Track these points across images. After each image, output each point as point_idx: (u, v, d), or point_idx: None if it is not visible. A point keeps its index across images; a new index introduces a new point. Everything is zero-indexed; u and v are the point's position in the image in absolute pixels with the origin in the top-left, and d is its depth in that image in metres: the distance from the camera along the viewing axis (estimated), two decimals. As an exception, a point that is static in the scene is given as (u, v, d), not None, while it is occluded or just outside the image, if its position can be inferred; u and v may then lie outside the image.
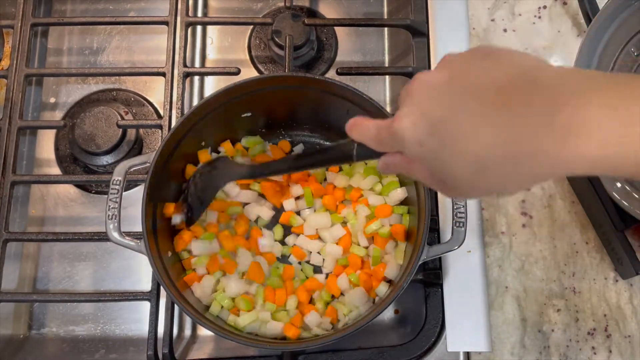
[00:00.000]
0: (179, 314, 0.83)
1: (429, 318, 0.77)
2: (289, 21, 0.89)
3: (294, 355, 0.76)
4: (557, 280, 0.81)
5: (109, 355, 0.83)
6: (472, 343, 0.76)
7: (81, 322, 0.85)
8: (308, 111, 0.83)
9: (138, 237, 0.70)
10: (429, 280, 0.78)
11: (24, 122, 0.86)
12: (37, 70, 0.92)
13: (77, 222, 0.89)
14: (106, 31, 0.98)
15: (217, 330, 0.68)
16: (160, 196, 0.75)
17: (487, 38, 0.91)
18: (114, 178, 0.71)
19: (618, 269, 0.80)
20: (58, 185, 0.90)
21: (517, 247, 0.82)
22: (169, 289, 0.68)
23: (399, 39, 0.95)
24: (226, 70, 0.88)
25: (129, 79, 0.95)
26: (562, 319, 0.80)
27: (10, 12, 0.94)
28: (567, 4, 0.92)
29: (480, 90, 0.42)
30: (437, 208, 0.81)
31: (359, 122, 0.52)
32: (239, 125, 0.83)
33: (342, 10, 0.99)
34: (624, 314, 0.80)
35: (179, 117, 0.84)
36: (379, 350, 0.76)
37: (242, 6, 0.99)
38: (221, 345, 0.83)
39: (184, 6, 0.89)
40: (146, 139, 0.92)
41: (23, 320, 0.85)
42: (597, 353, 0.79)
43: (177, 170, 0.79)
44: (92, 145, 0.86)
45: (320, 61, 0.95)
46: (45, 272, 0.87)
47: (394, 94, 0.95)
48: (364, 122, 0.52)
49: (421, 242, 0.69)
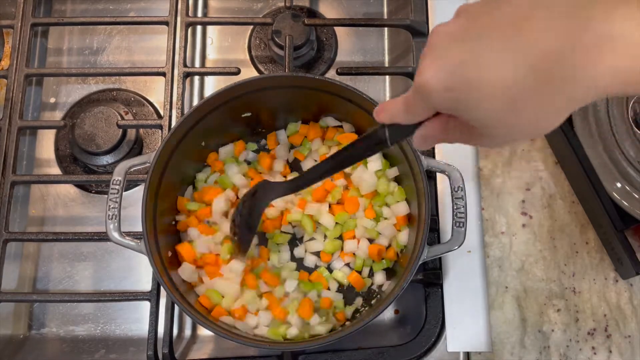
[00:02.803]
0: (179, 314, 0.83)
1: (429, 318, 0.77)
2: (289, 21, 0.89)
3: (294, 355, 0.76)
4: (557, 280, 0.81)
5: (109, 355, 0.83)
6: (472, 343, 0.76)
7: (81, 322, 0.85)
8: (308, 111, 0.83)
9: (138, 237, 0.70)
10: (429, 280, 0.78)
11: (24, 122, 0.86)
12: (37, 70, 0.92)
13: (77, 222, 0.89)
14: (106, 31, 0.98)
15: (217, 330, 0.68)
16: (161, 196, 0.75)
17: (487, 38, 0.91)
18: (114, 178, 0.71)
19: (618, 269, 0.80)
20: (58, 185, 0.90)
21: (517, 247, 0.82)
22: (169, 289, 0.68)
23: (399, 39, 0.95)
24: (226, 70, 0.88)
25: (129, 79, 0.95)
26: (562, 319, 0.80)
27: (10, 12, 0.94)
28: (567, 4, 0.92)
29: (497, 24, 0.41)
30: (437, 208, 0.81)
31: (385, 103, 0.52)
32: (239, 125, 0.83)
33: (342, 10, 0.99)
34: (624, 314, 0.80)
35: (179, 117, 0.84)
36: (379, 350, 0.76)
37: (242, 6, 0.99)
38: (221, 345, 0.83)
39: (184, 6, 0.89)
40: (146, 139, 0.92)
41: (23, 320, 0.85)
42: (597, 353, 0.79)
43: (177, 170, 0.79)
44: (92, 145, 0.86)
45: (320, 61, 0.95)
46: (45, 272, 0.87)
47: (394, 94, 0.95)
48: (389, 101, 0.52)
49: (421, 242, 0.69)
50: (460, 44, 0.43)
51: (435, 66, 0.44)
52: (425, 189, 0.70)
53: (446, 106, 0.45)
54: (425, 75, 0.44)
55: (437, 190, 0.81)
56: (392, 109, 0.51)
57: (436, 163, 0.72)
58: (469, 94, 0.42)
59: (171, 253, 0.77)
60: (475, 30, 0.43)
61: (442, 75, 0.43)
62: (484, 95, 0.41)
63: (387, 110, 0.52)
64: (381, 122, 0.53)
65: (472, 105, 0.43)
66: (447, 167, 0.72)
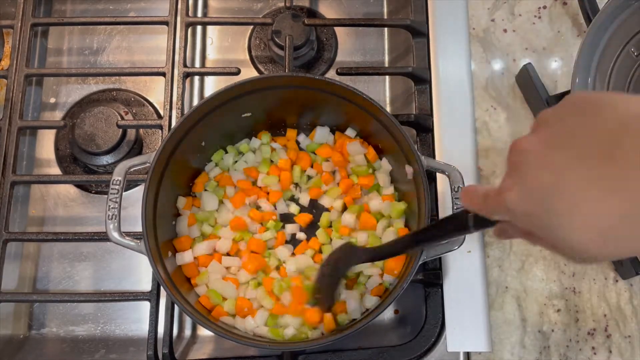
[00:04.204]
0: (179, 314, 0.83)
1: (429, 318, 0.77)
2: (289, 21, 0.89)
3: (294, 355, 0.76)
4: (557, 280, 0.81)
5: (109, 355, 0.83)
6: (472, 343, 0.76)
7: (81, 322, 0.85)
8: (308, 111, 0.83)
9: (138, 237, 0.70)
10: (429, 280, 0.78)
11: (24, 122, 0.86)
12: (37, 70, 0.92)
13: (77, 222, 0.89)
14: (106, 31, 0.98)
15: (217, 330, 0.68)
16: (161, 196, 0.75)
17: (487, 38, 0.91)
18: (114, 178, 0.71)
19: (618, 269, 0.80)
20: (58, 185, 0.90)
21: (517, 247, 0.82)
22: (169, 288, 0.68)
23: (399, 39, 0.95)
24: (226, 70, 0.88)
25: (129, 79, 0.95)
26: (562, 319, 0.80)
27: (10, 12, 0.94)
28: (567, 4, 0.92)
29: (584, 152, 0.39)
30: (437, 208, 0.81)
31: (469, 188, 0.51)
32: (239, 125, 0.83)
33: (342, 10, 0.99)
34: (624, 314, 0.80)
35: (179, 117, 0.84)
36: (379, 350, 0.76)
37: (242, 6, 0.99)
38: (221, 345, 0.83)
39: (184, 6, 0.89)
40: (146, 139, 0.92)
41: (23, 320, 0.85)
42: (597, 353, 0.79)
43: (177, 170, 0.79)
44: (92, 145, 0.86)
45: (320, 61, 0.95)
46: (45, 272, 0.87)
47: (394, 94, 0.95)
48: (473, 189, 0.51)
49: (421, 242, 0.69)
50: (544, 167, 0.40)
51: (517, 189, 0.42)
52: (425, 189, 0.70)
53: (527, 228, 0.44)
54: (507, 196, 0.43)
55: (437, 190, 0.81)
56: (472, 197, 0.50)
57: (436, 163, 0.72)
58: (556, 226, 0.40)
59: (171, 253, 0.77)
60: (560, 152, 0.40)
61: (525, 201, 0.42)
62: (573, 228, 0.39)
63: (468, 196, 0.51)
64: (464, 206, 0.52)
65: (558, 235, 0.41)
66: (447, 167, 0.72)
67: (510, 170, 0.44)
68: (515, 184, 0.43)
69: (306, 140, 0.86)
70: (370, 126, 0.79)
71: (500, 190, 0.44)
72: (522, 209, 0.42)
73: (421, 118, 0.84)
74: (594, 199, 0.38)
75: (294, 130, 0.86)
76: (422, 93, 0.87)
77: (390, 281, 0.76)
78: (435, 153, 0.83)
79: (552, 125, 0.42)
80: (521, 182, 0.42)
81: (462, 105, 0.85)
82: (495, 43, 0.91)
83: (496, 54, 0.90)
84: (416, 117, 0.83)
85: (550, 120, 0.43)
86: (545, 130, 0.42)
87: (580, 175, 0.39)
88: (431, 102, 0.86)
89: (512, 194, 0.43)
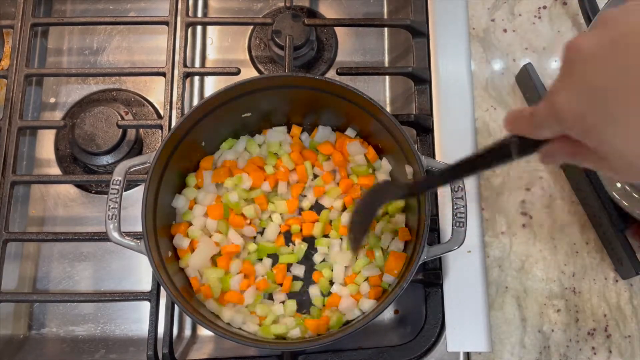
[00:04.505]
0: (179, 314, 0.83)
1: (429, 318, 0.77)
2: (289, 21, 0.89)
3: (294, 355, 0.76)
4: (557, 280, 0.81)
5: (109, 355, 0.83)
6: (472, 343, 0.76)
7: (81, 322, 0.85)
8: (308, 111, 0.83)
9: (138, 237, 0.70)
10: (429, 280, 0.78)
11: (24, 122, 0.86)
12: (37, 70, 0.92)
13: (77, 222, 0.89)
14: (106, 31, 0.98)
15: (217, 330, 0.68)
16: (161, 196, 0.75)
17: (487, 38, 0.91)
18: (114, 178, 0.71)
19: (618, 269, 0.80)
20: (58, 185, 0.90)
21: (517, 247, 0.82)
22: (169, 288, 0.68)
23: (399, 39, 0.95)
24: (226, 70, 0.88)
25: (129, 79, 0.95)
26: (562, 319, 0.80)
27: (10, 12, 0.94)
28: (567, 4, 0.92)
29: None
30: (437, 208, 0.81)
31: (513, 111, 0.48)
32: (239, 125, 0.83)
33: (342, 10, 0.99)
34: (624, 314, 0.80)
35: (179, 117, 0.84)
36: (379, 350, 0.76)
37: (242, 6, 0.99)
38: (221, 345, 0.83)
39: (184, 6, 0.89)
40: (146, 139, 0.92)
41: (23, 320, 0.85)
42: (597, 353, 0.79)
43: (177, 170, 0.79)
44: (92, 145, 0.86)
45: (320, 61, 0.95)
46: (45, 272, 0.87)
47: (394, 94, 0.95)
48: (517, 110, 0.48)
49: (421, 242, 0.69)
50: (603, 66, 0.38)
51: (573, 88, 0.40)
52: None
53: (578, 133, 0.41)
54: (560, 97, 0.40)
55: (437, 190, 0.81)
56: (519, 118, 0.47)
57: (436, 163, 0.72)
58: (609, 129, 0.38)
59: (171, 253, 0.77)
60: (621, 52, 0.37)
61: (580, 100, 0.39)
62: (627, 135, 0.37)
63: (514, 121, 0.48)
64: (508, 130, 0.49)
65: (610, 141, 0.38)
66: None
67: (564, 71, 0.41)
68: (571, 83, 0.40)
69: (308, 139, 0.86)
70: (370, 126, 0.79)
71: (551, 93, 0.41)
72: (576, 110, 0.39)
73: (421, 118, 0.84)
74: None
75: (299, 127, 0.85)
76: (422, 93, 0.87)
77: (389, 281, 0.76)
78: (435, 153, 0.83)
79: (614, 25, 0.39)
80: (576, 81, 0.39)
81: (462, 105, 0.85)
82: (495, 43, 0.91)
83: (496, 54, 0.90)
84: (416, 117, 0.83)
85: (612, 20, 0.40)
86: (606, 30, 0.39)
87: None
88: (431, 102, 0.86)
89: (565, 94, 0.40)
